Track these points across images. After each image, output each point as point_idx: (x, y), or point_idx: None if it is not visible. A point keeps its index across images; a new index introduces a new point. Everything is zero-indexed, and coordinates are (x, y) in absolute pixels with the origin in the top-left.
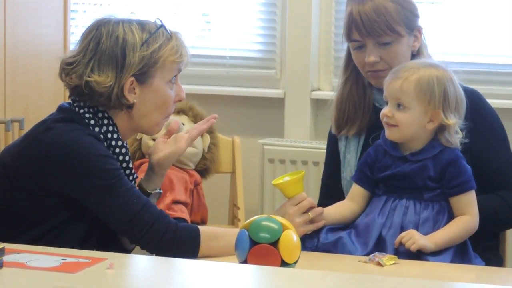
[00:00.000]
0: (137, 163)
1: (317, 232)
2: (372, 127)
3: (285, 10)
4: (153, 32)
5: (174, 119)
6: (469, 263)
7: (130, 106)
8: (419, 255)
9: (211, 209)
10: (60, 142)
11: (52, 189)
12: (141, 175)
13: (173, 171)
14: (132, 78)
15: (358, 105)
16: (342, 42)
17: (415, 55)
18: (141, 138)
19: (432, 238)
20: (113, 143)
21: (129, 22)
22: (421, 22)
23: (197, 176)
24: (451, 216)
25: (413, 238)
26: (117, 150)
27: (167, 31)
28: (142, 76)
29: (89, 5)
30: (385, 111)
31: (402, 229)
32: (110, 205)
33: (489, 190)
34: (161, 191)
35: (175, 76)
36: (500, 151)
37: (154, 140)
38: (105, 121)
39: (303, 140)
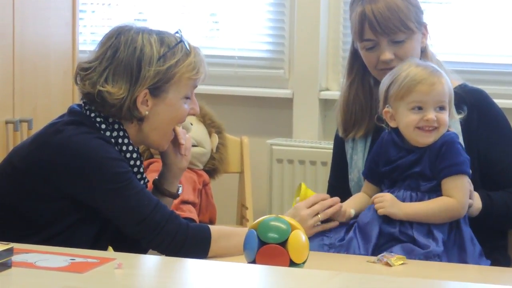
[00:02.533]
0: (145, 163)
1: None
2: (379, 127)
3: (293, 10)
4: (172, 47)
5: None
6: (465, 252)
7: (141, 119)
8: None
9: (220, 209)
10: (70, 144)
11: (62, 192)
12: (150, 175)
13: None
14: (146, 91)
15: (365, 106)
16: (353, 43)
17: (423, 51)
18: None
19: (405, 208)
20: (124, 147)
21: (149, 33)
22: (430, 22)
23: (205, 176)
24: None
25: (384, 203)
26: (128, 155)
27: (186, 46)
28: (156, 90)
29: (98, 5)
30: (430, 116)
31: (400, 221)
32: (121, 208)
33: (498, 189)
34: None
35: (190, 92)
36: (507, 149)
37: None
38: (116, 126)
39: (312, 140)
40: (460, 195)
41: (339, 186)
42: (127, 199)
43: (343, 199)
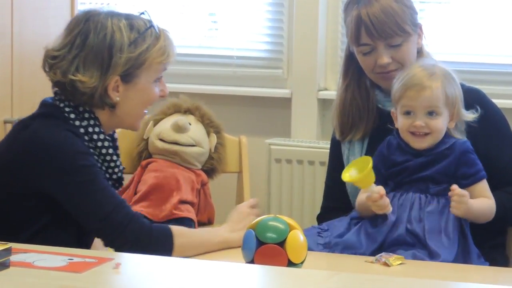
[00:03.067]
0: (143, 163)
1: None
2: (376, 129)
3: (292, 10)
4: (142, 32)
5: (181, 118)
6: (471, 261)
7: (112, 106)
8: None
9: (218, 209)
10: (35, 139)
11: (31, 188)
12: (148, 174)
13: (179, 171)
14: (117, 78)
15: (362, 108)
16: (349, 47)
17: (419, 52)
18: (147, 138)
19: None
20: (95, 136)
21: (118, 18)
22: (429, 21)
23: (203, 176)
24: None
25: (463, 202)
26: (99, 144)
27: (156, 30)
28: (128, 76)
29: (96, 5)
30: (417, 122)
31: (409, 222)
32: (84, 202)
33: (496, 187)
34: None
35: (161, 75)
36: (505, 148)
37: (161, 140)
38: (86, 115)
39: (310, 140)
40: (491, 196)
41: (336, 187)
42: (90, 194)
43: (340, 200)
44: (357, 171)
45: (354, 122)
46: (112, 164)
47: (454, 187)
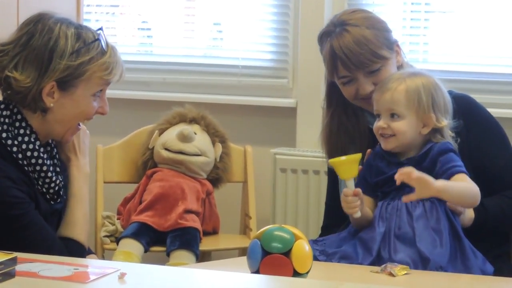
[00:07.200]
0: (149, 172)
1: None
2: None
3: (297, 19)
4: (88, 44)
5: (186, 128)
6: (467, 259)
7: (45, 110)
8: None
9: (223, 219)
10: None
11: None
12: (153, 184)
13: (185, 180)
14: (53, 83)
15: (353, 132)
16: (326, 80)
17: (399, 68)
18: (153, 147)
19: (437, 184)
20: (28, 153)
21: (68, 25)
22: (433, 31)
23: (209, 185)
24: (443, 212)
25: (416, 178)
26: (33, 160)
27: (102, 45)
28: (65, 84)
29: (102, 14)
30: (379, 123)
31: (399, 229)
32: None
33: (493, 192)
34: None
35: (101, 90)
36: (499, 152)
37: (166, 149)
38: (17, 124)
39: (315, 149)
40: (473, 183)
41: (335, 206)
42: (26, 238)
43: (340, 219)
44: (344, 157)
45: (343, 148)
46: (48, 180)
47: (396, 176)
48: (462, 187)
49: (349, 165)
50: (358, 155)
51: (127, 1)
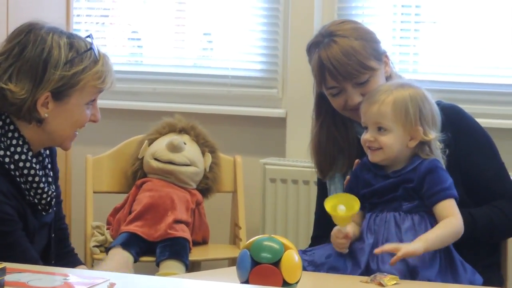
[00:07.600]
0: (138, 182)
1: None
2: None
3: (287, 30)
4: (81, 53)
5: (176, 138)
6: (456, 272)
7: (39, 121)
8: (412, 273)
9: (213, 229)
10: None
11: None
12: (143, 194)
13: (174, 190)
14: (48, 94)
15: (342, 143)
16: (315, 91)
17: (388, 79)
18: (142, 158)
19: (421, 238)
20: (21, 164)
21: (60, 35)
22: (424, 41)
23: (198, 195)
24: (432, 225)
25: (405, 253)
26: (25, 171)
27: (95, 53)
28: (59, 94)
29: (92, 24)
30: (366, 136)
31: (387, 241)
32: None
33: (483, 203)
34: None
35: (94, 98)
36: (488, 162)
37: (156, 159)
38: (10, 134)
39: (305, 159)
40: (456, 213)
41: (325, 217)
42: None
43: (329, 229)
44: (343, 206)
45: (333, 159)
46: (40, 191)
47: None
48: (443, 235)
49: (349, 219)
50: (357, 208)
51: (117, 11)
